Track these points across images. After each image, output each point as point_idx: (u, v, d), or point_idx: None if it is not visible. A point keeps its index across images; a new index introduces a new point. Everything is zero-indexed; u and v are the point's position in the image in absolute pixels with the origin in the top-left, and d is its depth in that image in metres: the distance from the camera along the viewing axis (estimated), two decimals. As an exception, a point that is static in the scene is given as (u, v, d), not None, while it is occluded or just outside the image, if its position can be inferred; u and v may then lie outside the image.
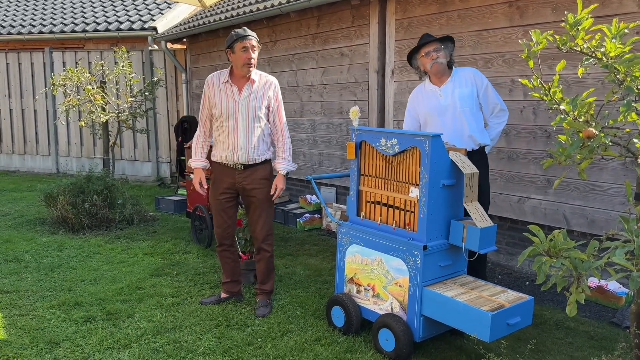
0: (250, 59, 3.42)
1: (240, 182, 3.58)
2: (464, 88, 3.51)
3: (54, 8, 11.37)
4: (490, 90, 3.55)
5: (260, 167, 3.59)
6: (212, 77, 3.59)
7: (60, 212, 5.84)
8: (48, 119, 10.04)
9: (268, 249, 3.69)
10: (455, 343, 3.19)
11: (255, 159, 3.55)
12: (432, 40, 3.53)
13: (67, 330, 3.39)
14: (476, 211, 2.92)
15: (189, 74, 9.23)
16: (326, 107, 6.46)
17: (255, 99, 3.51)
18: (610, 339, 3.26)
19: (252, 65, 3.46)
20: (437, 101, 3.55)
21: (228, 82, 3.53)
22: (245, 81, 3.52)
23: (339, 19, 6.12)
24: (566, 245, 1.88)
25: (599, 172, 3.93)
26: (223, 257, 3.80)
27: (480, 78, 3.55)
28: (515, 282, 4.30)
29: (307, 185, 6.90)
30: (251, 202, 3.63)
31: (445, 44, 3.54)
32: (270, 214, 3.69)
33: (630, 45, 2.03)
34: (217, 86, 3.56)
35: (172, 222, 6.37)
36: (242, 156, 3.52)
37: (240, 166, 3.56)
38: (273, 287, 3.81)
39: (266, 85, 3.56)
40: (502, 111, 3.58)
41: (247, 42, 3.42)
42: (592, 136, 1.92)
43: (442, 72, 3.54)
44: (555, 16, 4.06)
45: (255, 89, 3.52)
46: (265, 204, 3.62)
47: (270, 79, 3.62)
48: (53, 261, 4.82)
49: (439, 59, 3.48)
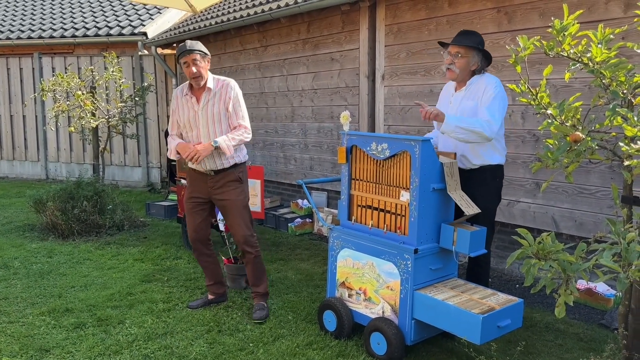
0: (192, 73, 3.46)
1: (212, 186, 3.64)
2: (469, 101, 3.21)
3: (43, 13, 11.31)
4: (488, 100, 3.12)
5: (231, 171, 3.63)
6: (176, 90, 3.71)
7: (49, 218, 5.80)
8: (37, 125, 9.97)
9: (251, 251, 3.69)
10: (446, 346, 3.21)
11: (223, 163, 3.59)
12: (457, 43, 3.22)
13: (57, 337, 3.37)
14: (461, 199, 2.95)
15: (179, 79, 9.22)
16: (317, 111, 6.49)
17: (213, 104, 3.56)
18: (599, 341, 3.29)
19: (198, 78, 3.49)
20: (447, 107, 3.31)
21: (187, 94, 3.60)
22: (203, 91, 3.57)
23: (330, 24, 6.16)
24: (554, 247, 1.90)
25: (586, 176, 3.97)
26: (200, 260, 3.86)
27: (489, 88, 3.14)
28: (505, 285, 4.33)
29: (298, 190, 6.91)
30: (224, 207, 3.67)
31: (473, 53, 3.20)
32: (246, 216, 3.70)
33: (615, 51, 2.07)
34: (180, 99, 3.65)
35: (162, 228, 6.35)
36: (210, 163, 3.57)
37: (211, 172, 3.61)
38: (267, 289, 3.82)
39: (223, 88, 3.58)
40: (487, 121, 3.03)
41: (187, 57, 3.47)
42: (579, 140, 1.96)
43: (455, 80, 3.31)
44: (543, 22, 4.11)
45: (212, 95, 3.57)
46: (238, 206, 3.65)
47: (227, 81, 3.63)
48: (43, 267, 4.79)
49: (453, 65, 3.23)
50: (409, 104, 5.28)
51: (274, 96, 7.12)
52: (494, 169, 3.28)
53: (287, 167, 7.06)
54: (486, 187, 3.27)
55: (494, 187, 3.32)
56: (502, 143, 3.31)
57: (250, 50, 7.44)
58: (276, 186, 7.38)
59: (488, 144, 3.18)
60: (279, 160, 7.19)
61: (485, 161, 3.24)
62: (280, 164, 7.18)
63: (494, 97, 3.10)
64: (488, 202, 3.26)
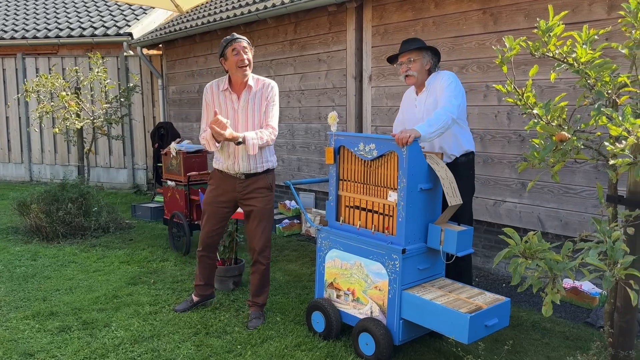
0: (242, 60, 3.37)
1: (240, 191, 3.52)
2: (430, 98, 3.35)
3: (27, 13, 11.17)
4: (442, 90, 3.25)
5: (262, 177, 3.53)
6: (211, 84, 3.56)
7: (33, 220, 5.72)
8: (21, 126, 9.84)
9: (263, 262, 3.60)
10: (434, 345, 3.22)
11: (257, 167, 3.49)
12: (405, 50, 3.40)
13: (42, 341, 3.32)
14: (450, 186, 2.97)
15: (166, 79, 9.16)
16: (304, 112, 6.48)
17: (254, 104, 3.45)
18: (585, 339, 3.32)
19: (246, 67, 3.39)
20: (413, 112, 3.48)
21: (227, 89, 3.49)
22: (243, 88, 3.46)
23: (317, 25, 6.15)
24: (541, 247, 1.92)
25: (572, 175, 4.01)
26: (202, 261, 3.75)
27: (442, 81, 3.28)
28: (492, 284, 4.36)
29: (286, 191, 6.89)
30: (250, 212, 3.55)
31: (422, 54, 3.39)
32: (269, 225, 3.59)
33: (600, 51, 2.09)
34: (217, 93, 3.52)
35: (149, 230, 6.30)
36: (243, 165, 3.46)
37: (241, 175, 3.50)
38: (266, 301, 3.72)
39: (264, 88, 3.48)
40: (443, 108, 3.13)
41: (236, 44, 3.38)
42: (565, 139, 1.97)
43: (415, 84, 3.46)
44: (528, 23, 4.15)
45: (253, 94, 3.46)
46: (264, 214, 3.54)
47: (268, 82, 3.52)
48: (27, 271, 4.72)
49: (409, 71, 3.38)
50: (396, 104, 5.29)
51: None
52: (468, 159, 3.43)
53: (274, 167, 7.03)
54: (463, 181, 3.33)
55: (470, 180, 3.48)
56: (468, 129, 3.48)
57: (237, 51, 7.40)
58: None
59: (458, 133, 3.34)
60: (266, 161, 7.16)
61: (462, 148, 3.38)
62: (267, 165, 7.15)
63: (447, 86, 3.24)
64: (467, 196, 3.38)
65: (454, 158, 3.38)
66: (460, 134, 3.38)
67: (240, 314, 3.73)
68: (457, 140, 3.37)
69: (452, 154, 3.37)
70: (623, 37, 3.59)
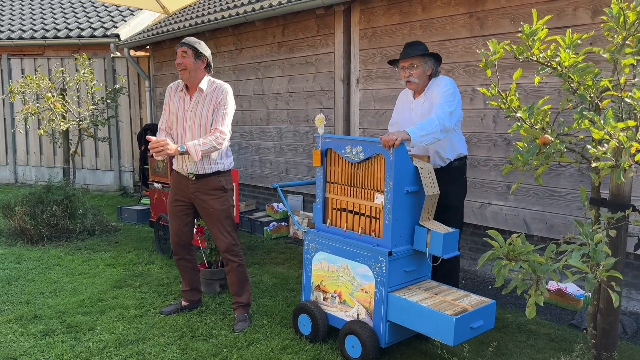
0: (177, 64, 3.44)
1: (193, 192, 3.56)
2: (427, 103, 3.35)
3: (12, 13, 11.05)
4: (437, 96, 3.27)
5: (213, 178, 3.55)
6: (172, 85, 3.66)
7: (17, 223, 5.65)
8: (6, 128, 9.73)
9: (234, 259, 3.62)
10: (420, 348, 3.23)
11: (205, 168, 3.51)
12: (408, 56, 3.35)
13: (25, 345, 3.28)
14: (428, 175, 2.99)
15: (153, 81, 9.11)
16: (292, 115, 6.48)
17: (203, 106, 3.48)
18: (570, 341, 3.35)
19: (183, 71, 3.44)
20: (409, 115, 3.47)
21: (183, 90, 3.55)
22: (195, 90, 3.51)
23: (305, 27, 6.16)
24: (525, 249, 1.93)
25: (556, 178, 4.05)
26: (180, 265, 3.80)
27: (440, 87, 3.31)
28: (478, 287, 4.38)
29: (273, 194, 6.88)
30: (205, 214, 3.59)
31: (425, 60, 3.36)
32: (228, 224, 3.61)
33: (583, 55, 2.11)
34: (174, 93, 3.60)
35: (135, 232, 6.25)
36: (191, 165, 3.50)
37: (192, 176, 3.54)
38: (250, 300, 3.71)
39: (215, 91, 3.50)
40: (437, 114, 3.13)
41: (178, 49, 3.48)
42: (548, 143, 1.99)
43: (416, 91, 3.44)
44: (514, 27, 4.18)
45: (203, 96, 3.50)
46: (220, 215, 3.56)
47: (221, 84, 3.54)
48: (10, 274, 4.66)
49: (411, 77, 3.36)
50: (384, 107, 5.31)
51: (249, 99, 7.08)
52: (462, 163, 3.45)
53: (262, 171, 7.03)
54: (457, 184, 3.43)
55: (462, 183, 3.51)
56: (461, 133, 3.51)
57: (225, 52, 7.39)
58: (251, 190, 7.34)
59: (454, 137, 3.36)
60: (254, 163, 7.15)
61: (457, 152, 3.40)
62: (255, 167, 7.14)
63: (443, 93, 3.25)
64: (459, 200, 3.45)
65: (449, 162, 3.40)
66: (456, 138, 3.41)
67: (226, 317, 3.71)
68: (453, 144, 3.39)
69: (447, 158, 3.39)
70: (606, 42, 3.64)
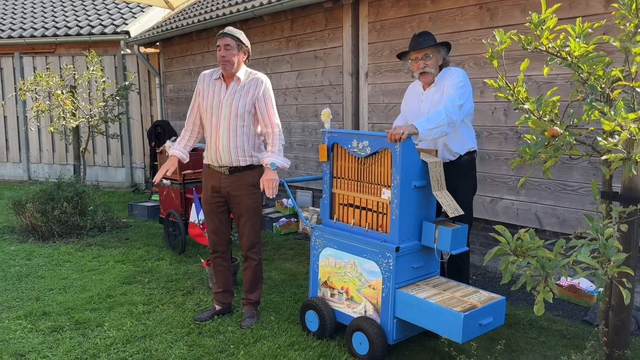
0: (222, 57, 3.38)
1: (225, 187, 3.49)
2: (438, 94, 3.27)
3: (24, 12, 11.13)
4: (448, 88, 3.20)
5: (247, 173, 3.48)
6: (205, 73, 3.57)
7: (29, 219, 5.69)
8: (18, 125, 9.81)
9: (254, 257, 3.58)
10: (428, 345, 3.18)
11: (239, 160, 3.44)
12: (421, 47, 3.25)
13: (34, 341, 3.29)
14: (445, 198, 2.92)
15: (163, 78, 9.12)
16: (301, 110, 6.44)
17: (240, 97, 3.42)
18: (582, 338, 3.28)
19: (226, 64, 3.38)
20: (419, 107, 3.39)
21: (219, 78, 3.49)
22: (232, 79, 3.45)
23: (313, 22, 6.11)
24: (533, 244, 1.88)
25: (569, 172, 3.97)
26: (216, 265, 3.68)
27: (451, 78, 3.22)
28: (489, 283, 4.32)
29: (283, 190, 6.84)
30: (236, 209, 3.53)
31: (438, 49, 3.29)
32: (257, 222, 3.57)
33: (593, 45, 2.05)
34: (208, 82, 3.52)
35: (145, 229, 6.26)
36: (225, 157, 3.43)
37: (225, 170, 3.47)
38: (260, 298, 3.69)
39: (252, 83, 3.45)
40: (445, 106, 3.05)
41: (219, 41, 3.41)
42: (557, 135, 1.93)
43: (430, 81, 3.33)
44: (524, 18, 4.09)
45: (240, 87, 3.43)
46: (251, 212, 3.51)
47: (259, 76, 3.49)
48: (21, 270, 4.69)
49: (427, 67, 3.26)
50: (393, 101, 5.25)
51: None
52: (471, 157, 3.38)
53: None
54: (465, 179, 3.35)
55: (472, 178, 3.42)
56: (471, 127, 3.42)
57: (233, 48, 7.36)
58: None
59: (464, 131, 3.28)
60: (264, 159, 7.12)
61: (467, 146, 3.32)
62: (264, 163, 7.11)
63: (454, 84, 3.17)
64: (468, 195, 3.37)
65: (458, 156, 3.33)
66: (466, 132, 3.33)
67: (234, 313, 3.70)
68: (463, 138, 3.31)
69: (456, 152, 3.32)
70: (619, 31, 3.55)
